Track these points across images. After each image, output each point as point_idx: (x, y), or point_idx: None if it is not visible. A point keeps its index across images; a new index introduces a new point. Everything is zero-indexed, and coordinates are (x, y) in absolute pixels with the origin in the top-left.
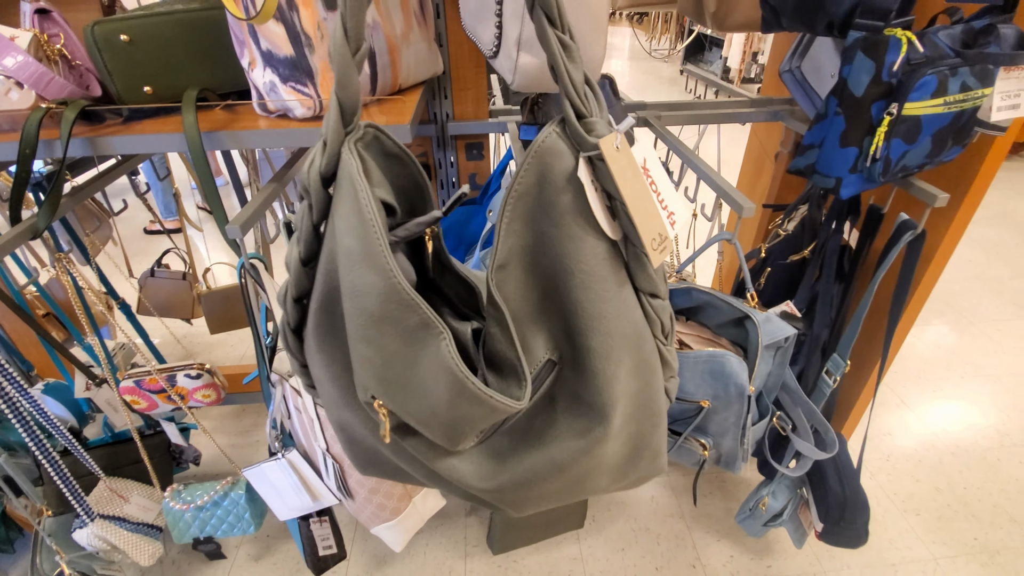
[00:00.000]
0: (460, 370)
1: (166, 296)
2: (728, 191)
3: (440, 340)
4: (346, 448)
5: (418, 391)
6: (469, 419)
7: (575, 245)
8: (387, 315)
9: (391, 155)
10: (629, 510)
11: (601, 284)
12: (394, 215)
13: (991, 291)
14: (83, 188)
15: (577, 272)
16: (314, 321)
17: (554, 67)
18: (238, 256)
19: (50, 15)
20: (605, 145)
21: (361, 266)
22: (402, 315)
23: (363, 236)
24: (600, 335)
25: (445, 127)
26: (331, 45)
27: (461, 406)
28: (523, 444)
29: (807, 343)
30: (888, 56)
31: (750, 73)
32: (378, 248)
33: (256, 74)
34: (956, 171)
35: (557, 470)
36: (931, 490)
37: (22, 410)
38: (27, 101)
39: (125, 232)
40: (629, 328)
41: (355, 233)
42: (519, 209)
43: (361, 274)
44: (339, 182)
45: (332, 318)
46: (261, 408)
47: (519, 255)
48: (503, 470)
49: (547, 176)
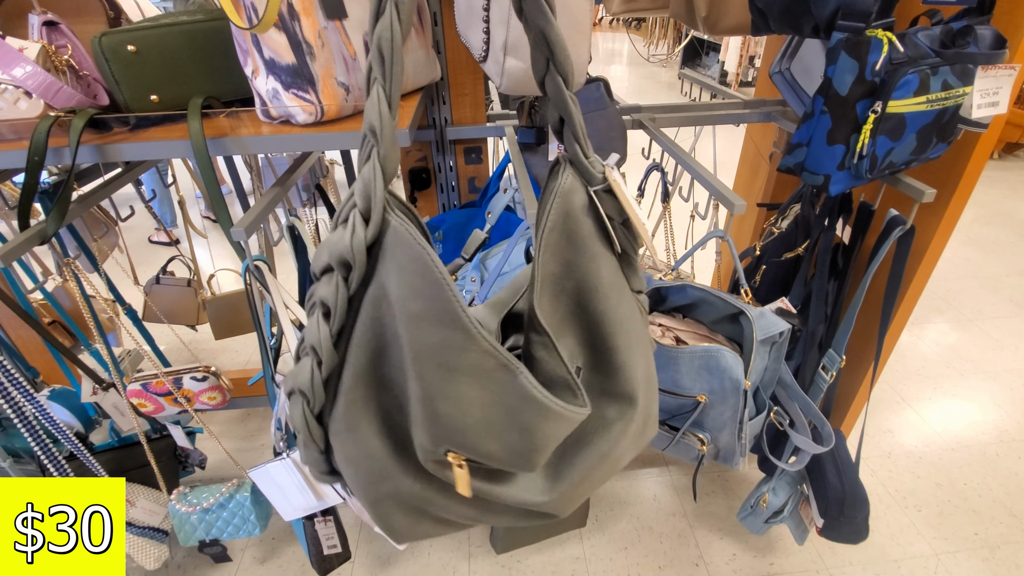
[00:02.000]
0: (545, 396)
1: (171, 303)
2: (720, 190)
3: (519, 375)
4: (382, 524)
5: (498, 427)
6: (552, 436)
7: (597, 264)
8: (468, 365)
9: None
10: (631, 509)
11: (618, 293)
12: None
13: (989, 289)
14: (91, 195)
15: (600, 287)
16: (347, 400)
17: (565, 119)
18: (242, 259)
19: (58, 27)
20: (611, 178)
21: (433, 327)
22: (481, 361)
23: (435, 297)
24: (623, 334)
25: (444, 132)
26: (375, 118)
27: (545, 427)
28: (573, 448)
29: (803, 339)
30: (870, 56)
31: (747, 76)
32: (454, 306)
33: (259, 82)
34: (944, 168)
35: (602, 459)
36: (932, 486)
37: (28, 415)
38: (36, 110)
39: (130, 239)
40: (636, 322)
41: (423, 296)
42: (548, 243)
43: (434, 333)
44: (388, 249)
45: (372, 391)
46: (265, 412)
47: (549, 284)
48: (561, 476)
49: (569, 211)
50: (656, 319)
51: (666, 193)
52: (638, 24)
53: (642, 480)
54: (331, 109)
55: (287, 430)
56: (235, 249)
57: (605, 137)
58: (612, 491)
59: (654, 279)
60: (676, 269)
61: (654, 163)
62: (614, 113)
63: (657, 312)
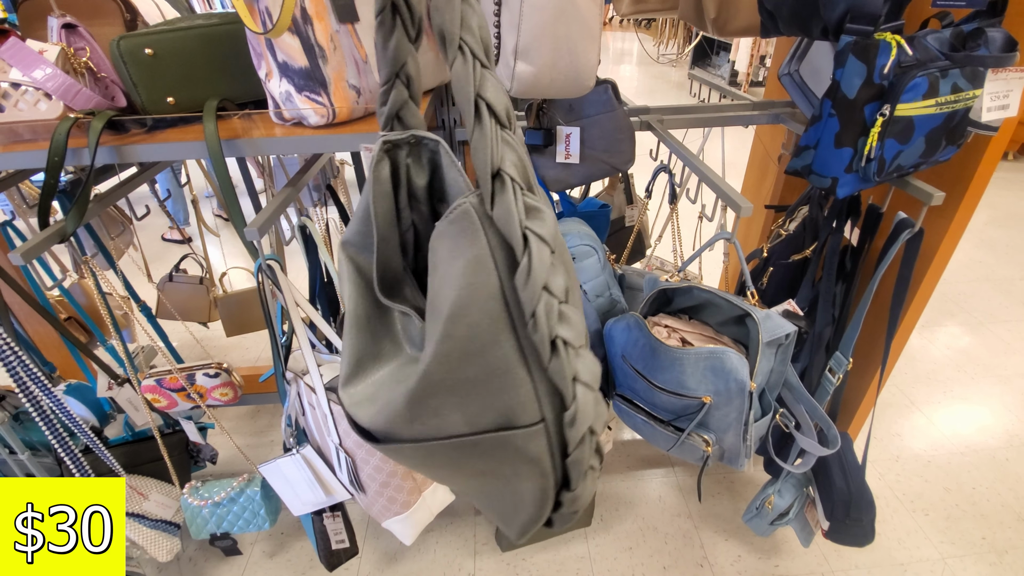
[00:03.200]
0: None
1: (184, 300)
2: (727, 191)
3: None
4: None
5: None
6: None
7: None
8: None
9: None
10: (637, 509)
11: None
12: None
13: (1001, 292)
14: (109, 194)
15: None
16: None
17: None
18: (255, 258)
19: (76, 29)
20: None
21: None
22: None
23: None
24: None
25: (453, 133)
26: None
27: None
28: None
29: (809, 341)
30: (879, 59)
31: (758, 76)
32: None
33: (273, 84)
34: (954, 171)
35: None
36: (940, 490)
37: (46, 408)
38: (55, 111)
39: (143, 237)
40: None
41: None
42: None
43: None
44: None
45: None
46: (275, 409)
47: None
48: None
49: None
50: (662, 320)
51: (673, 195)
52: (648, 24)
53: (647, 480)
54: (343, 111)
55: (297, 426)
56: (247, 248)
57: (612, 139)
58: (617, 491)
59: (660, 280)
60: (683, 271)
61: (662, 164)
62: (622, 115)
63: (663, 313)
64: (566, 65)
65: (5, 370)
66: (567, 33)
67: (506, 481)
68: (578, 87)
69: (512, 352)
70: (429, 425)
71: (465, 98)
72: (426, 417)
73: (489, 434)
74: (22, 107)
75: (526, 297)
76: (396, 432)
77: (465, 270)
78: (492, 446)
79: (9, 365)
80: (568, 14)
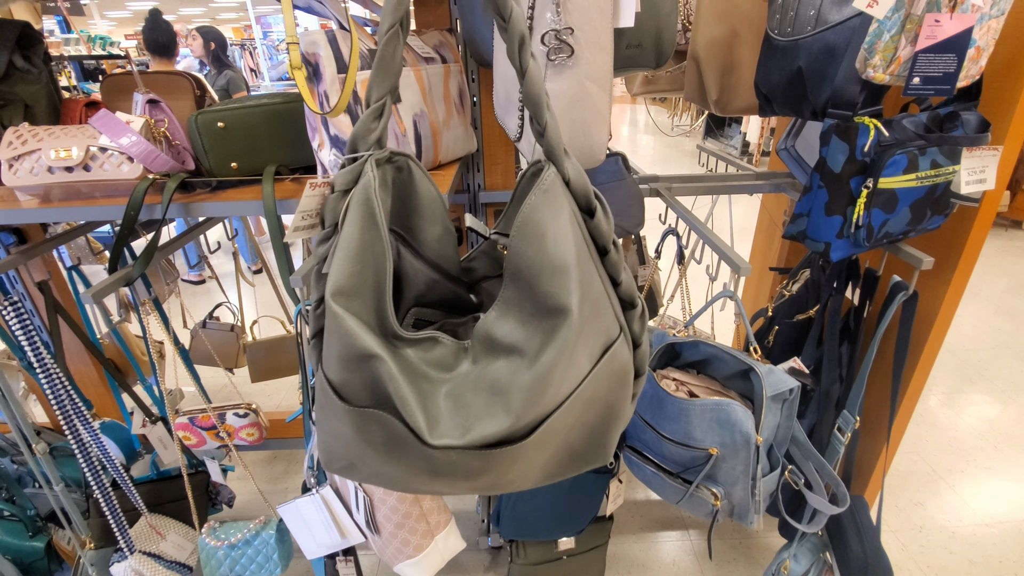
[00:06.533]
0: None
1: (215, 346)
2: (727, 253)
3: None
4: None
5: None
6: None
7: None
8: None
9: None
10: (650, 573)
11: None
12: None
13: (1022, 360)
14: (170, 243)
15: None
16: None
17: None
18: (296, 303)
19: (159, 104)
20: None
21: None
22: None
23: None
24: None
25: (477, 196)
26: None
27: None
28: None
29: (816, 399)
30: (859, 139)
31: (768, 147)
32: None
33: (323, 153)
34: (946, 237)
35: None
36: (965, 563)
37: (85, 443)
38: (135, 172)
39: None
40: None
41: None
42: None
43: None
44: None
45: None
46: (292, 455)
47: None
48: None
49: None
50: (671, 373)
51: (681, 255)
52: (663, 98)
53: (661, 543)
54: None
55: (318, 467)
56: (289, 295)
57: (623, 205)
58: (630, 554)
59: (668, 336)
60: (689, 326)
61: (670, 228)
62: (631, 183)
63: (671, 367)
64: (580, 143)
65: (54, 404)
66: (581, 117)
67: (605, 404)
68: (591, 160)
69: (600, 282)
70: (569, 377)
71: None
72: (564, 368)
73: (600, 360)
74: (107, 168)
75: (602, 236)
76: (542, 409)
77: (571, 223)
78: (602, 372)
79: (60, 400)
80: (582, 101)
